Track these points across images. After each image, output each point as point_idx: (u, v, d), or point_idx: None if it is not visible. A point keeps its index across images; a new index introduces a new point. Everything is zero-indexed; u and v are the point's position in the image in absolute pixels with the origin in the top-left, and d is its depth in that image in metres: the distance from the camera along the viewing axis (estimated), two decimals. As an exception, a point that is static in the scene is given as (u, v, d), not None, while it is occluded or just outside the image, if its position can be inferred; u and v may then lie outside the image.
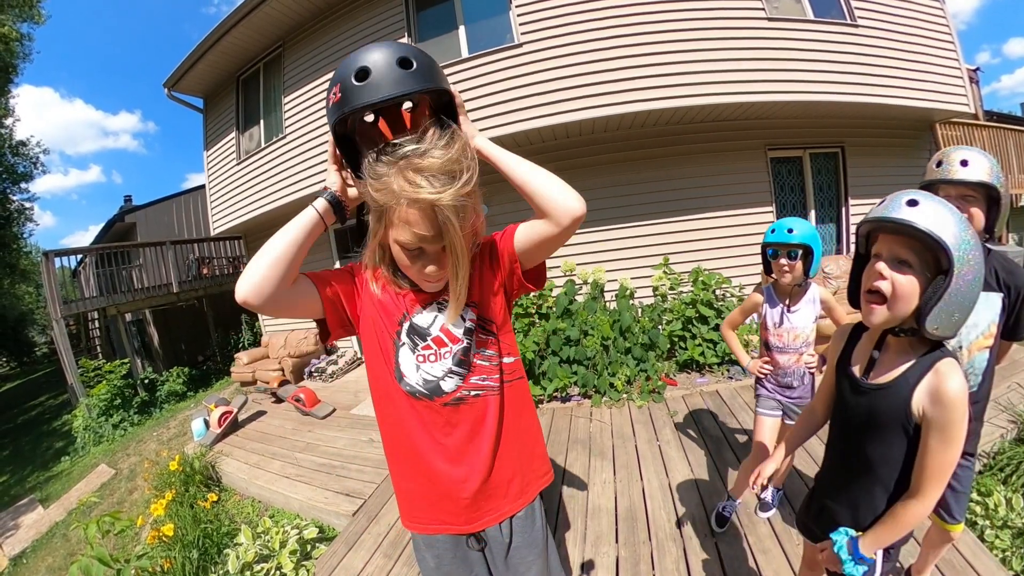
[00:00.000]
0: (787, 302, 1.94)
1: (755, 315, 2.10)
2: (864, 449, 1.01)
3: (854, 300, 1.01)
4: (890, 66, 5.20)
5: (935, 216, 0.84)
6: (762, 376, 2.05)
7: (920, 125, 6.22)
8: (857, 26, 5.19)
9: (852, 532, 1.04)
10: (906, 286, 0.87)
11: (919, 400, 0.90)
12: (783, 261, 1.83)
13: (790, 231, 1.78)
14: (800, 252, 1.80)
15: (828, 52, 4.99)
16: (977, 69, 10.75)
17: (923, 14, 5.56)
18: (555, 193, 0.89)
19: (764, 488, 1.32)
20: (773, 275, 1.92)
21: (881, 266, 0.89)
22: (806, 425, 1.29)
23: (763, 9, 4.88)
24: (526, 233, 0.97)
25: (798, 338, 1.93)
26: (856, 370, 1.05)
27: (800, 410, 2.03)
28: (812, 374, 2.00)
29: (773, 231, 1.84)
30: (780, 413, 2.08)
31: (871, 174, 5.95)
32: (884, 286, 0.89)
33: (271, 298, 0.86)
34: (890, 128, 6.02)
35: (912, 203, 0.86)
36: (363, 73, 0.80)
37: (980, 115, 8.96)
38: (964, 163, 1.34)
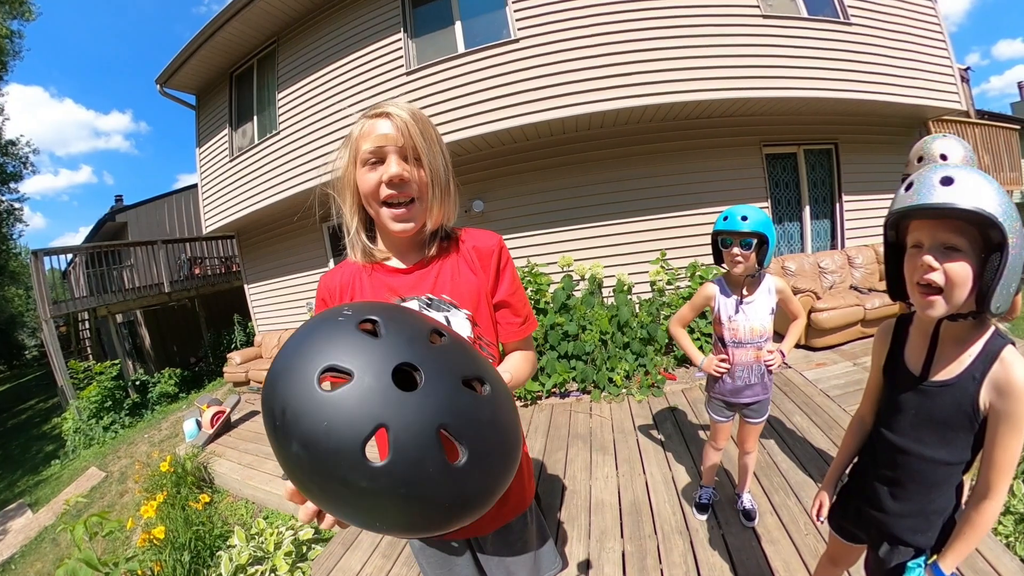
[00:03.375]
0: (742, 293, 1.85)
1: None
2: (924, 451, 0.96)
3: (898, 294, 0.94)
4: (883, 64, 5.23)
5: (976, 190, 0.76)
6: (718, 375, 1.93)
7: (913, 122, 6.26)
8: (850, 24, 5.22)
9: (922, 561, 0.98)
10: (960, 272, 0.80)
11: (986, 393, 0.86)
12: (736, 251, 1.72)
13: (744, 219, 1.68)
14: (754, 241, 1.70)
15: (822, 49, 5.01)
16: (968, 69, 10.90)
17: (915, 13, 5.60)
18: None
19: (819, 517, 1.26)
20: (724, 265, 1.83)
21: (928, 258, 0.82)
22: (857, 436, 1.20)
23: (758, 7, 4.89)
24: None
25: (755, 331, 1.84)
26: (913, 368, 0.98)
27: (757, 411, 1.98)
28: (771, 371, 1.91)
29: (726, 218, 1.73)
30: (732, 415, 2.05)
31: (865, 170, 5.99)
32: (937, 277, 0.81)
33: None
34: (883, 125, 6.05)
35: (947, 181, 0.78)
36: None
37: (972, 113, 9.05)
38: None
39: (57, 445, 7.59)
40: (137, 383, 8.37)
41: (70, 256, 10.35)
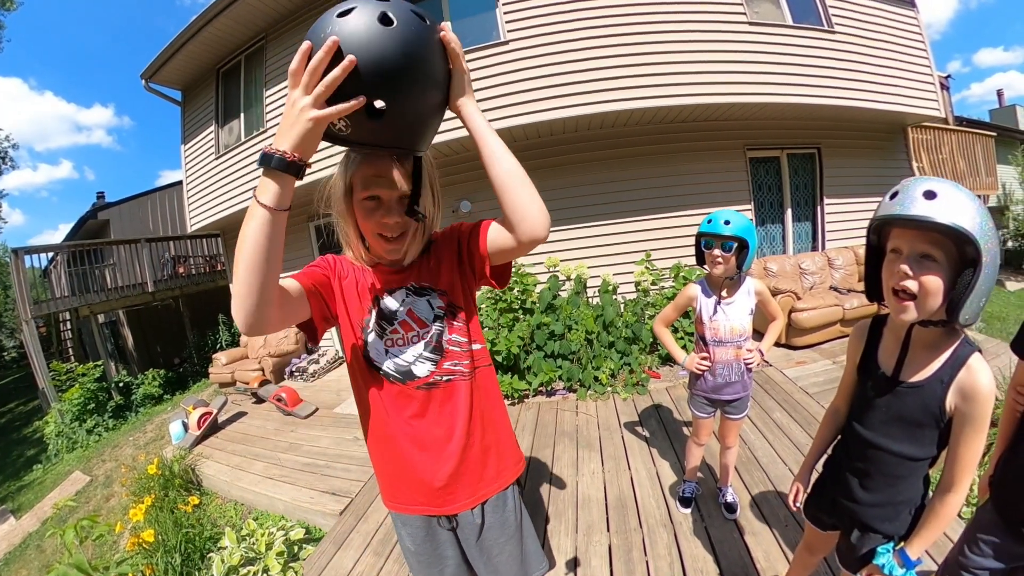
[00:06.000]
0: (722, 294, 1.93)
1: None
2: (892, 446, 1.02)
3: (875, 295, 1.00)
4: (865, 71, 5.38)
5: (956, 207, 0.80)
6: (700, 372, 2.01)
7: (893, 128, 6.45)
8: (834, 32, 5.35)
9: (890, 547, 1.05)
10: (934, 283, 0.84)
11: (952, 396, 0.92)
12: (716, 252, 1.80)
13: (726, 223, 1.76)
14: (735, 245, 1.77)
15: (806, 56, 5.13)
16: (948, 76, 11.19)
17: (898, 22, 5.76)
18: (528, 206, 0.88)
19: (796, 503, 1.35)
20: (706, 266, 1.91)
21: (904, 267, 0.87)
22: (831, 426, 1.27)
23: (744, 13, 4.99)
24: (495, 236, 0.97)
25: (734, 331, 1.92)
26: (886, 368, 1.04)
27: (738, 407, 2.05)
28: (750, 369, 1.99)
29: (709, 222, 1.81)
30: (714, 412, 2.13)
31: (846, 174, 6.14)
32: (911, 285, 0.86)
33: (276, 318, 0.82)
34: (865, 130, 6.21)
35: (930, 195, 0.82)
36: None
37: (950, 120, 9.31)
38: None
39: (39, 449, 7.44)
40: (120, 385, 8.23)
41: (51, 254, 10.11)
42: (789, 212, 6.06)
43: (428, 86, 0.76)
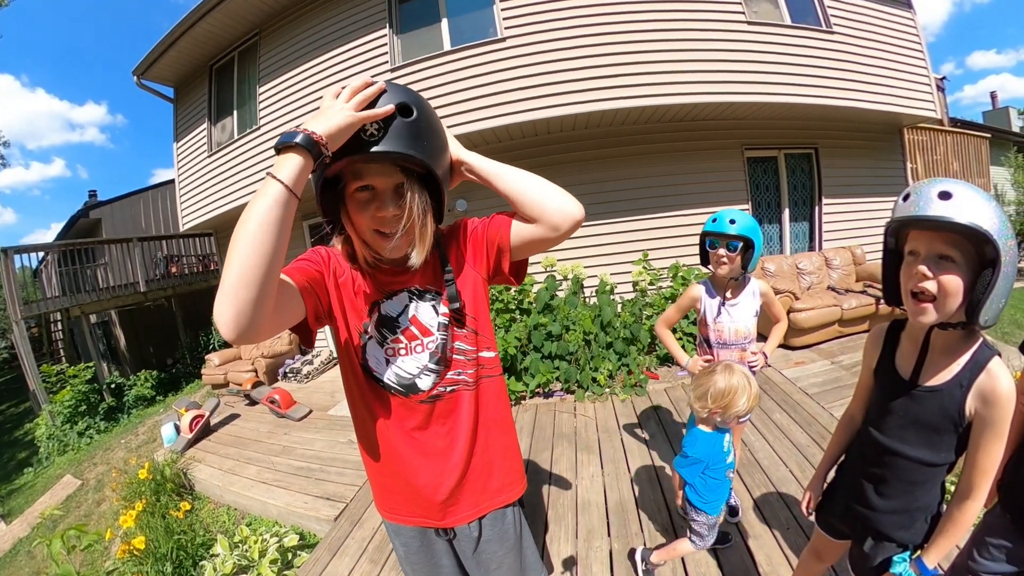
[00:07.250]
0: (726, 295, 1.89)
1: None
2: (909, 452, 1.00)
3: (893, 299, 0.98)
4: (863, 72, 5.38)
5: (973, 206, 0.79)
6: None
7: (890, 128, 6.45)
8: (832, 32, 5.35)
9: (906, 556, 1.03)
10: (953, 284, 0.83)
11: (972, 400, 0.90)
12: (721, 252, 1.77)
13: (732, 222, 1.73)
14: (740, 245, 1.74)
15: (804, 56, 5.12)
16: (944, 78, 11.24)
17: (895, 24, 5.77)
18: (554, 200, 0.89)
19: (808, 511, 1.32)
20: (710, 266, 1.86)
21: (923, 268, 0.85)
22: (846, 433, 1.25)
23: (743, 13, 4.97)
24: (519, 231, 0.94)
25: (739, 333, 1.88)
26: (903, 372, 1.02)
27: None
28: (754, 372, 1.94)
29: (714, 220, 1.77)
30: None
31: (843, 174, 6.14)
32: (930, 286, 0.85)
33: (269, 321, 0.73)
34: (862, 131, 6.21)
35: (945, 195, 0.80)
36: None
37: (945, 121, 9.36)
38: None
39: (30, 452, 7.35)
40: (112, 386, 8.14)
41: (41, 254, 10.00)
42: (787, 212, 6.06)
43: (436, 126, 0.87)
